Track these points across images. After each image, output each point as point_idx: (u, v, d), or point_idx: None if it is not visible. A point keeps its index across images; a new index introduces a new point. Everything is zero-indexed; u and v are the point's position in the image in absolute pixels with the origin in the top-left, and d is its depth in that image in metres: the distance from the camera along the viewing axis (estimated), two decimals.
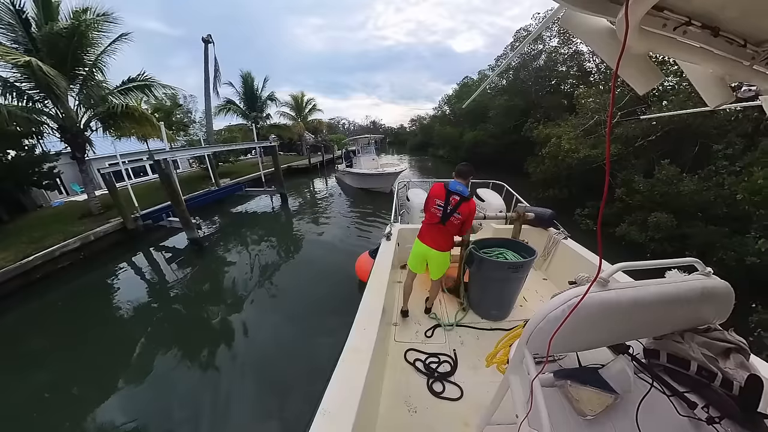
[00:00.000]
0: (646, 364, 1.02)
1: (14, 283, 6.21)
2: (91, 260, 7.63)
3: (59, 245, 7.13)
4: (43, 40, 7.67)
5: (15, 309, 5.77)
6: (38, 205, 11.72)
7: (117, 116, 8.95)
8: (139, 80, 9.47)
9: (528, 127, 14.10)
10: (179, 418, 3.35)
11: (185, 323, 5.27)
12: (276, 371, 3.89)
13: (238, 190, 14.56)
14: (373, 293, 2.16)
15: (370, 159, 16.29)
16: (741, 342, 0.96)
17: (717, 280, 0.97)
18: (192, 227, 8.00)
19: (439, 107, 41.21)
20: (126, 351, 4.47)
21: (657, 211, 6.66)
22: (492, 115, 20.42)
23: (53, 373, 4.13)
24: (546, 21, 1.57)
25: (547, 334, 0.84)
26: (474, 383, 2.01)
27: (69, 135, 8.78)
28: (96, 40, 8.37)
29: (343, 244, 8.19)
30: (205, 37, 12.98)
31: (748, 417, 0.80)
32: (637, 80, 0.83)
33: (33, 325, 5.38)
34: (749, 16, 0.72)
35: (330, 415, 1.24)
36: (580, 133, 10.03)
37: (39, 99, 8.22)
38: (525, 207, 3.41)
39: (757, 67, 0.84)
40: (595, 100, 10.18)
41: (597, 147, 9.24)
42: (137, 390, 3.77)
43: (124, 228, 8.75)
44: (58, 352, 4.61)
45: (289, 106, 28.23)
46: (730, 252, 5.26)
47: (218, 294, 6.19)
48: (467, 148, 24.22)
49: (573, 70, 16.30)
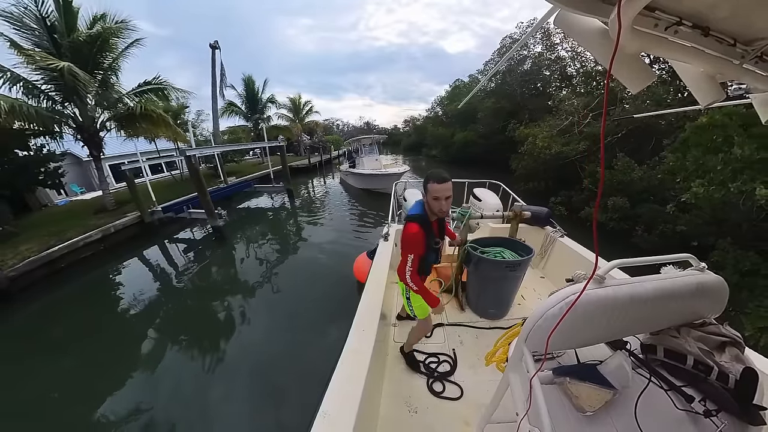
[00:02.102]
0: (644, 359, 1.03)
1: (40, 272, 6.65)
2: (110, 251, 8.18)
3: (82, 236, 7.66)
4: (72, 46, 8.29)
5: (41, 297, 6.15)
6: (43, 205, 11.79)
7: (136, 117, 9.44)
8: (154, 83, 10.06)
9: (511, 127, 15.34)
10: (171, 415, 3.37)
11: (198, 309, 5.59)
12: (275, 371, 3.87)
13: (247, 186, 15.69)
14: (371, 294, 2.16)
15: (373, 159, 16.33)
16: (736, 335, 0.97)
17: (711, 275, 0.99)
18: (215, 217, 8.70)
19: (432, 109, 42.96)
20: (138, 338, 4.72)
21: (616, 196, 7.74)
22: (481, 117, 21.84)
23: (74, 359, 4.38)
24: (539, 22, 1.58)
25: (545, 332, 0.84)
26: (474, 382, 2.02)
27: (86, 134, 9.33)
28: (115, 45, 9.01)
29: (344, 242, 8.33)
30: (212, 43, 13.89)
31: (744, 409, 0.81)
32: (630, 79, 0.85)
33: (59, 311, 5.75)
34: (738, 16, 0.73)
35: (330, 417, 1.23)
36: (555, 132, 11.18)
37: (59, 100, 8.70)
38: (522, 206, 3.43)
39: (746, 65, 0.85)
40: (570, 103, 11.39)
41: (569, 144, 10.47)
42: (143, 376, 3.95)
43: (142, 221, 9.29)
44: (82, 337, 4.92)
45: (287, 108, 29.21)
46: (667, 224, 6.26)
47: (228, 282, 6.58)
48: (458, 148, 25.62)
49: (556, 75, 17.53)
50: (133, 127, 9.93)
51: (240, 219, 11.89)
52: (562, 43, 16.58)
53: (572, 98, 11.62)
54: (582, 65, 15.00)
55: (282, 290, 6.02)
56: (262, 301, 5.69)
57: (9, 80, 7.76)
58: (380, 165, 15.91)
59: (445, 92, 36.83)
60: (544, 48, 17.56)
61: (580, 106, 10.99)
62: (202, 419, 3.29)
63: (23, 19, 7.89)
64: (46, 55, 7.58)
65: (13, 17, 7.75)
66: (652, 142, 8.56)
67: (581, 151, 10.22)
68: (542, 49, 17.73)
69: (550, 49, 17.17)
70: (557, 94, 13.44)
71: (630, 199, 7.53)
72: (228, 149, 14.94)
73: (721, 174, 4.67)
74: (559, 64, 17.01)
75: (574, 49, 15.25)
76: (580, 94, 12.18)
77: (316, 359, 3.81)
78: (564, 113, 11.44)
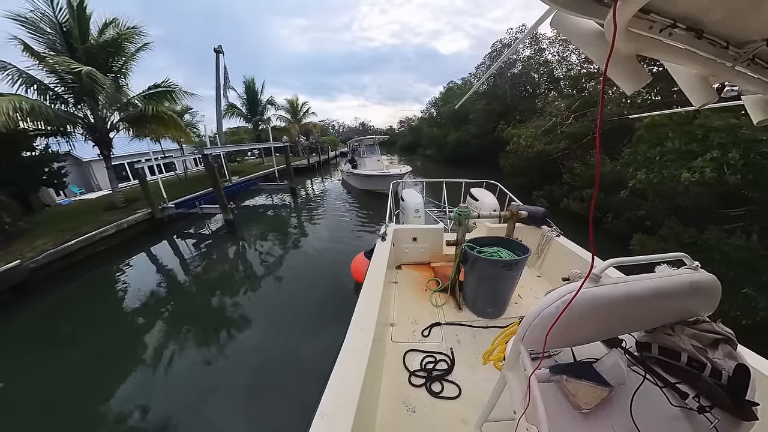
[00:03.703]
0: (639, 356, 1.04)
1: (58, 264, 7.04)
2: (122, 246, 8.66)
3: (98, 231, 8.13)
4: (88, 50, 8.87)
5: (55, 291, 6.47)
6: (45, 205, 11.85)
7: (147, 118, 9.84)
8: (163, 86, 10.59)
9: (500, 128, 16.37)
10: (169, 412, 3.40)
11: (203, 302, 5.88)
12: (273, 371, 3.88)
13: (252, 185, 16.84)
14: (369, 294, 2.16)
15: (375, 160, 16.34)
16: (728, 333, 0.99)
17: (704, 274, 1.00)
18: (228, 210, 9.61)
19: (427, 110, 44.06)
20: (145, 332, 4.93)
21: (589, 188, 9.05)
22: (473, 118, 22.98)
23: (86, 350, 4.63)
24: (536, 23, 1.59)
25: (542, 331, 0.85)
26: (471, 381, 2.03)
27: (98, 135, 9.78)
28: (127, 49, 9.60)
29: (345, 242, 8.48)
30: (217, 47, 14.35)
31: (737, 405, 0.82)
32: (625, 80, 0.85)
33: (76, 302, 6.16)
34: (731, 19, 0.74)
35: (328, 418, 1.23)
36: (539, 133, 12.20)
37: (72, 102, 9.16)
38: (518, 206, 3.45)
39: (738, 68, 0.87)
40: (556, 105, 12.52)
41: (551, 143, 11.54)
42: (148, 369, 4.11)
43: (152, 217, 9.78)
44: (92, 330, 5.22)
45: (285, 109, 30.07)
46: (632, 211, 7.16)
47: (232, 276, 6.99)
48: (452, 148, 26.71)
49: (544, 78, 18.74)
50: (143, 128, 10.34)
51: (244, 215, 12.36)
52: (549, 47, 17.60)
53: (558, 101, 12.67)
54: (568, 69, 15.92)
55: (281, 290, 6.08)
56: (261, 300, 5.77)
57: (25, 82, 8.16)
58: (382, 166, 15.95)
59: (440, 93, 38.40)
60: (532, 52, 18.62)
61: (563, 108, 11.95)
62: (200, 419, 3.28)
63: (39, 24, 8.30)
64: (69, 60, 8.00)
65: (29, 22, 8.14)
66: (625, 140, 8.99)
67: (562, 149, 11.25)
68: (531, 53, 18.80)
69: (538, 53, 18.31)
70: (546, 96, 14.68)
71: (602, 189, 8.29)
72: (239, 149, 16.04)
73: (658, 164, 5.62)
74: (547, 67, 18.07)
75: (561, 53, 16.15)
76: (567, 96, 13.13)
77: (312, 359, 3.80)
78: (548, 115, 12.53)
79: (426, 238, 3.60)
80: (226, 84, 15.96)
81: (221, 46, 14.42)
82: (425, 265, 3.61)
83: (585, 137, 10.78)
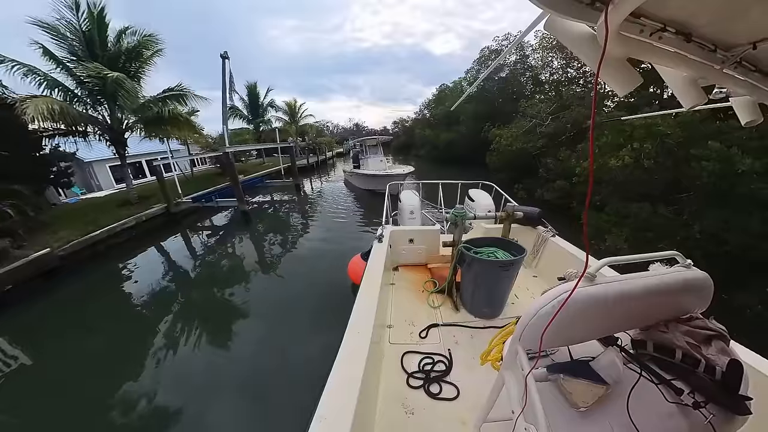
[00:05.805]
0: (634, 354, 1.05)
1: (84, 253, 7.68)
2: (140, 238, 9.30)
3: (119, 223, 8.87)
4: (108, 56, 9.59)
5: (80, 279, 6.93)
6: (52, 203, 11.82)
7: (163, 120, 10.56)
8: (176, 90, 11.19)
9: (486, 129, 17.55)
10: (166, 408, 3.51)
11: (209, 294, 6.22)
12: (272, 371, 3.88)
13: (259, 182, 18.45)
14: (366, 296, 2.16)
15: (378, 160, 16.37)
16: (721, 329, 1.00)
17: (697, 271, 1.02)
18: (244, 202, 10.59)
19: (420, 111, 45.08)
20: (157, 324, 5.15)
21: (560, 180, 10.19)
22: (463, 120, 24.53)
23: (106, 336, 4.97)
24: (530, 27, 1.61)
25: (538, 330, 0.86)
26: (469, 382, 2.03)
27: (114, 135, 10.39)
28: (144, 56, 10.31)
29: (348, 241, 8.62)
30: (223, 53, 14.82)
31: (731, 399, 0.84)
32: (617, 83, 0.87)
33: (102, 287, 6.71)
34: (718, 23, 0.76)
35: (327, 421, 1.23)
36: (521, 133, 13.67)
37: (90, 104, 9.72)
38: (514, 206, 3.47)
39: (726, 70, 0.89)
40: (539, 108, 13.81)
41: (529, 142, 13.11)
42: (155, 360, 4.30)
43: (167, 211, 10.60)
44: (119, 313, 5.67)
45: (283, 111, 30.74)
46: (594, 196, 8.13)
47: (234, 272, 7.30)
48: (443, 148, 28.18)
49: (530, 83, 20.36)
50: (158, 129, 11.05)
51: (255, 210, 12.97)
52: (532, 54, 19.14)
53: (540, 104, 14.18)
54: (551, 74, 17.33)
55: (281, 291, 6.14)
56: (261, 298, 5.85)
57: (49, 85, 8.73)
58: (385, 166, 16.01)
59: (432, 95, 39.34)
60: (518, 57, 20.24)
61: (542, 110, 13.36)
62: (198, 420, 3.25)
63: (62, 31, 8.89)
64: (100, 66, 8.66)
65: (52, 29, 8.72)
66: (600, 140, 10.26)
67: (539, 147, 12.66)
68: (516, 58, 20.39)
69: (522, 60, 20.01)
70: (531, 98, 16.01)
71: (569, 181, 9.47)
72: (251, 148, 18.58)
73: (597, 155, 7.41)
74: (532, 72, 19.69)
75: (544, 59, 17.28)
76: (547, 99, 14.70)
77: (309, 363, 3.79)
78: (529, 116, 13.95)
79: (423, 240, 3.61)
80: (231, 88, 16.48)
81: (227, 52, 15.09)
82: (422, 266, 3.61)
83: (560, 137, 12.21)
